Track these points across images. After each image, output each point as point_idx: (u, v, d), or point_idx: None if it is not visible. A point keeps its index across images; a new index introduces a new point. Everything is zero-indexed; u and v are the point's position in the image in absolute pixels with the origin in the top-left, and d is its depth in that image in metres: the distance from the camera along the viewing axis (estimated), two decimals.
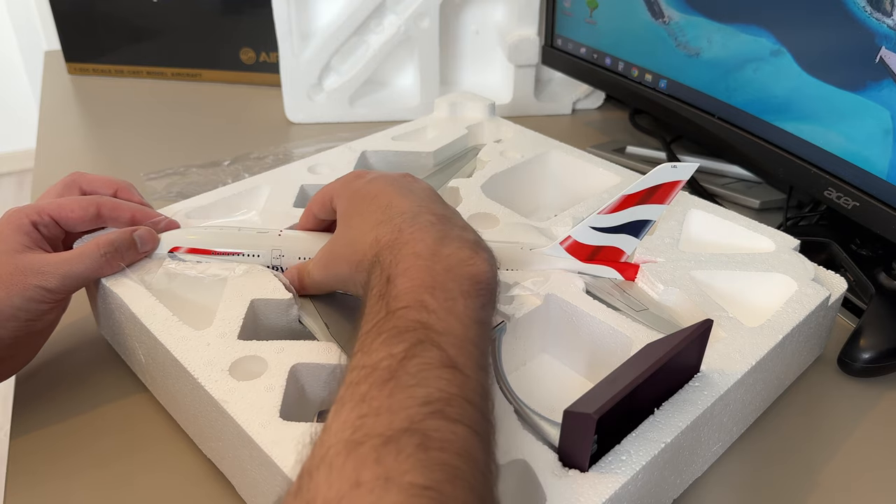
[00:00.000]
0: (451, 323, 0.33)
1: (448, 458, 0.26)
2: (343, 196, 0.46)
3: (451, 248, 0.37)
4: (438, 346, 0.31)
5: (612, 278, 0.51)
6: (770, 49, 0.61)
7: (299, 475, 0.27)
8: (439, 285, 0.34)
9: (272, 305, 0.47)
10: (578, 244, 0.50)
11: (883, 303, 0.55)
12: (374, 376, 0.30)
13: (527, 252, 0.51)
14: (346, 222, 0.44)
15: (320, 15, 0.91)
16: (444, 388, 0.29)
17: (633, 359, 0.40)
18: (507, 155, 0.67)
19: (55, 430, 0.48)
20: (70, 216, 0.48)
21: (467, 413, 0.29)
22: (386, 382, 0.29)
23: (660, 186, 0.47)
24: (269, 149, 0.86)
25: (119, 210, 0.50)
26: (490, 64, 0.98)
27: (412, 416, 0.27)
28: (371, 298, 0.36)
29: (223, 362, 0.42)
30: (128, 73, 1.09)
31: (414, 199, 0.42)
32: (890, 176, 0.53)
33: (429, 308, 0.33)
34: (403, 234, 0.38)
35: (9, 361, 0.48)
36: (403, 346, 0.31)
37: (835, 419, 0.49)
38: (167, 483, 0.44)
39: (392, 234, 0.39)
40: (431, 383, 0.29)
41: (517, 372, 0.49)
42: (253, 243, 0.50)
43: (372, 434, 0.27)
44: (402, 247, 0.37)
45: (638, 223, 0.49)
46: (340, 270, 0.44)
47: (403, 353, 0.30)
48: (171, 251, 0.51)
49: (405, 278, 0.35)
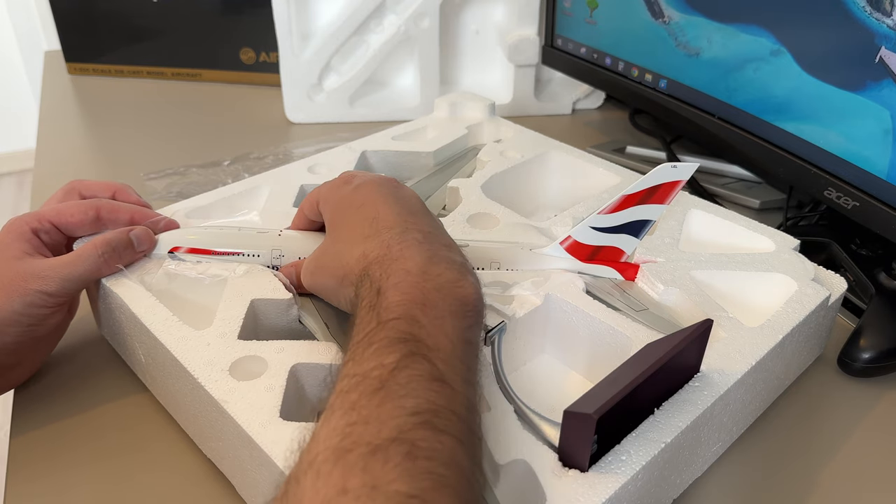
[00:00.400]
0: (440, 339, 0.33)
1: (434, 467, 0.27)
2: (330, 202, 0.46)
3: (440, 269, 0.37)
4: (428, 359, 0.31)
5: (612, 278, 0.51)
6: (770, 49, 0.61)
7: (286, 480, 0.27)
8: (430, 303, 0.35)
9: (272, 305, 0.47)
10: (578, 244, 0.50)
11: (883, 303, 0.55)
12: (365, 385, 0.30)
13: (527, 252, 0.51)
14: (333, 233, 0.44)
15: (320, 15, 0.91)
16: (433, 400, 0.29)
17: (632, 359, 0.40)
18: (507, 155, 0.67)
19: (55, 430, 0.48)
20: (70, 220, 0.49)
21: (454, 424, 0.29)
22: (376, 392, 0.29)
23: (660, 186, 0.48)
24: (269, 149, 0.86)
25: (118, 212, 0.51)
26: (490, 64, 0.98)
27: (401, 426, 0.28)
28: (362, 309, 0.36)
29: (223, 362, 0.42)
30: (128, 73, 1.09)
31: (401, 210, 0.42)
32: (890, 176, 0.53)
33: (419, 323, 0.33)
34: (392, 250, 0.38)
35: (15, 369, 0.48)
36: (394, 357, 0.31)
37: (835, 419, 0.49)
38: (167, 483, 0.44)
39: (380, 250, 0.38)
40: (420, 394, 0.29)
41: (517, 372, 0.49)
42: (253, 243, 0.50)
43: (360, 442, 0.27)
44: (391, 262, 0.37)
45: (638, 223, 0.49)
46: (326, 282, 0.44)
47: (394, 363, 0.31)
48: (171, 251, 0.51)
49: (396, 291, 0.35)
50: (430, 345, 0.32)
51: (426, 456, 0.27)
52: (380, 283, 0.36)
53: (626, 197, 0.48)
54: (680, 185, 0.47)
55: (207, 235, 0.51)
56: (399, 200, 0.43)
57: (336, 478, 0.26)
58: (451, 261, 0.38)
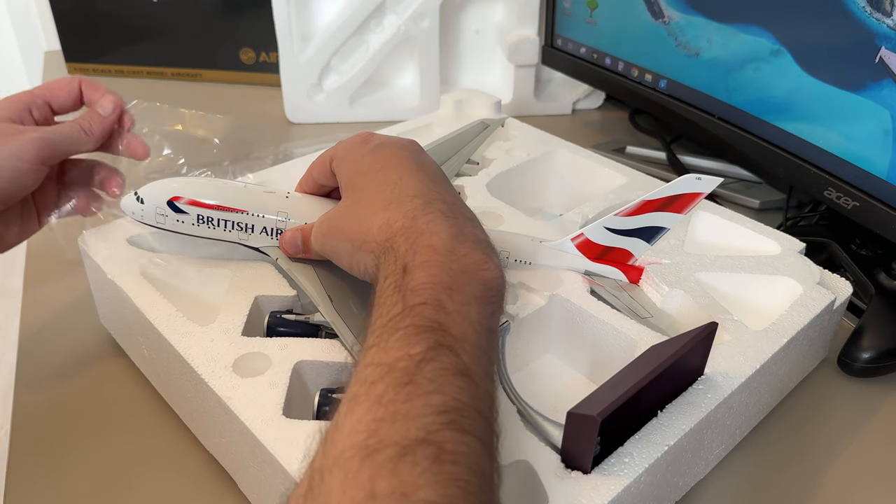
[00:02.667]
0: (465, 328, 0.33)
1: (461, 473, 0.27)
2: (346, 161, 0.44)
3: (466, 248, 0.36)
4: (454, 351, 0.31)
5: (617, 279, 0.51)
6: (770, 49, 0.61)
7: (308, 474, 0.27)
8: (456, 287, 0.34)
9: (276, 302, 0.47)
10: (589, 242, 0.50)
11: (883, 303, 0.55)
12: (391, 377, 0.29)
13: (537, 244, 0.51)
14: (351, 195, 0.42)
15: (320, 15, 0.91)
16: (458, 397, 0.29)
17: (637, 361, 0.40)
18: (512, 153, 0.66)
19: (56, 426, 0.48)
20: (59, 93, 0.54)
21: (478, 424, 0.29)
22: (403, 386, 0.29)
23: (681, 196, 0.47)
24: (269, 149, 0.86)
25: (95, 85, 0.55)
26: (490, 64, 0.98)
27: (428, 426, 0.28)
28: (386, 288, 0.35)
29: (227, 359, 0.42)
30: (128, 73, 1.09)
31: (423, 177, 0.41)
32: (890, 176, 0.53)
33: (446, 309, 0.33)
34: (418, 222, 0.37)
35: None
36: (421, 348, 0.31)
37: (836, 420, 0.50)
38: (169, 479, 0.44)
39: (405, 220, 0.37)
40: (447, 391, 0.29)
41: (520, 372, 0.49)
42: (259, 202, 0.48)
43: (388, 442, 0.27)
44: (417, 236, 0.36)
45: (653, 229, 0.49)
46: (340, 245, 0.42)
47: (421, 355, 0.30)
48: (171, 200, 0.48)
49: (423, 272, 0.34)
50: (456, 335, 0.32)
51: (452, 460, 0.27)
52: (405, 259, 0.35)
53: (646, 202, 0.48)
54: (700, 198, 0.47)
55: (211, 188, 0.48)
56: (421, 166, 0.42)
57: (364, 480, 0.26)
58: (477, 239, 0.37)
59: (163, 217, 0.48)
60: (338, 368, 0.43)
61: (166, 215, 0.48)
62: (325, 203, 0.49)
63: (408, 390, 0.29)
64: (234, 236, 0.48)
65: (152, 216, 0.48)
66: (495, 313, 0.36)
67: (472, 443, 0.28)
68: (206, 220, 0.48)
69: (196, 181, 0.49)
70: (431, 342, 0.31)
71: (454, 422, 0.28)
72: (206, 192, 0.48)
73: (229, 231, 0.48)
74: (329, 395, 0.40)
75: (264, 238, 0.48)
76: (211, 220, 0.48)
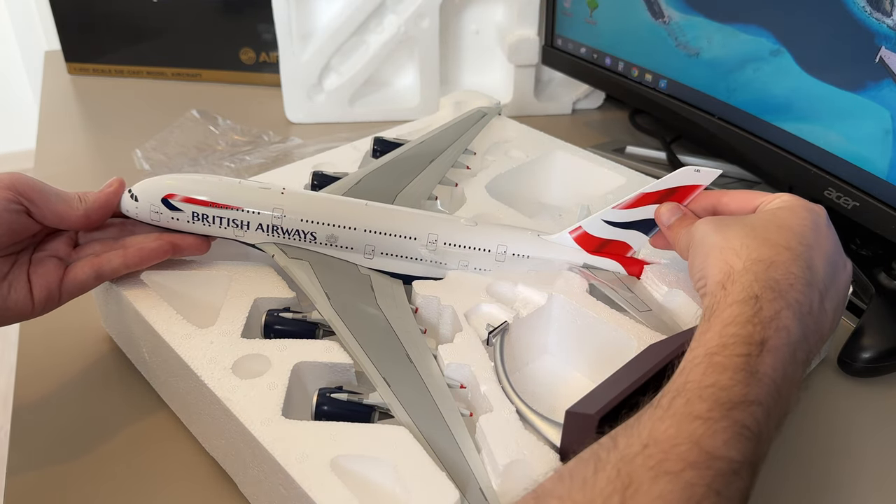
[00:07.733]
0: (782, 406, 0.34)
1: None
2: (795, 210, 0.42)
3: (803, 353, 0.36)
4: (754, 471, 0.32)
5: (616, 272, 0.51)
6: (770, 49, 0.61)
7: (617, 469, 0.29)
8: (787, 382, 0.34)
9: (275, 304, 0.47)
10: (588, 235, 0.50)
11: (883, 303, 0.55)
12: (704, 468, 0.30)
13: (535, 237, 0.51)
14: (773, 232, 0.40)
15: (320, 15, 0.91)
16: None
17: (635, 359, 0.40)
18: (511, 154, 0.66)
19: (56, 428, 0.48)
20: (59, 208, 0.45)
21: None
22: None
23: (679, 188, 0.47)
24: (270, 149, 0.86)
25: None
26: (490, 64, 0.98)
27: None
28: (733, 346, 0.34)
29: (226, 360, 0.42)
30: (128, 73, 1.09)
31: (812, 279, 0.39)
32: (890, 176, 0.53)
33: (770, 416, 0.33)
34: (812, 313, 0.37)
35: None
36: (736, 452, 0.31)
37: (835, 419, 0.49)
38: (169, 480, 0.44)
39: (803, 299, 0.37)
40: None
41: (520, 372, 0.49)
42: (254, 198, 0.48)
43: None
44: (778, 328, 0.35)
45: (650, 221, 0.49)
46: (721, 249, 0.40)
47: (729, 456, 0.30)
48: (165, 198, 0.47)
49: (771, 358, 0.34)
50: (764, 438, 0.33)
51: None
52: (763, 333, 0.34)
53: (644, 195, 0.48)
54: (699, 190, 0.47)
55: (206, 184, 0.48)
56: (811, 267, 0.39)
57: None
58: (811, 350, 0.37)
59: (157, 214, 0.48)
60: (337, 369, 0.43)
61: (161, 213, 0.47)
62: (321, 198, 0.49)
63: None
64: (229, 233, 0.48)
65: (147, 213, 0.48)
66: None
67: None
68: (200, 217, 0.47)
69: (191, 177, 0.49)
70: (745, 442, 0.32)
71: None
72: (200, 188, 0.47)
73: (224, 228, 0.48)
74: (327, 395, 0.40)
75: (260, 234, 0.48)
76: (206, 217, 0.47)
